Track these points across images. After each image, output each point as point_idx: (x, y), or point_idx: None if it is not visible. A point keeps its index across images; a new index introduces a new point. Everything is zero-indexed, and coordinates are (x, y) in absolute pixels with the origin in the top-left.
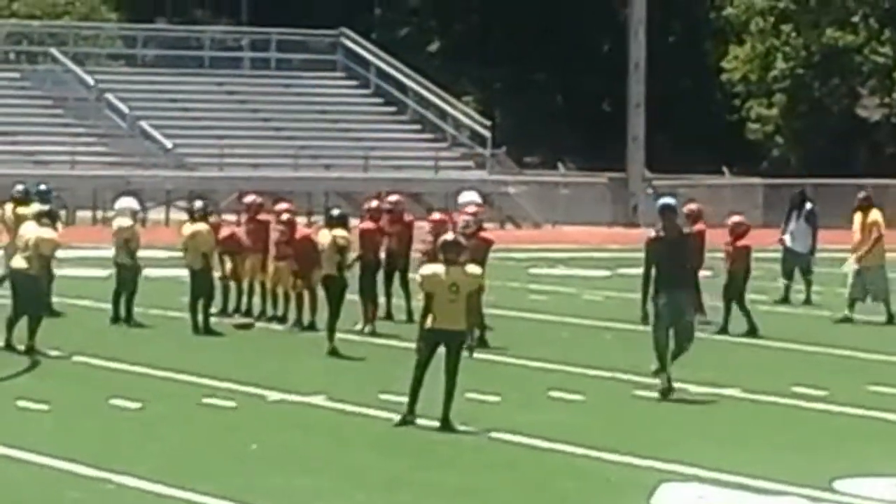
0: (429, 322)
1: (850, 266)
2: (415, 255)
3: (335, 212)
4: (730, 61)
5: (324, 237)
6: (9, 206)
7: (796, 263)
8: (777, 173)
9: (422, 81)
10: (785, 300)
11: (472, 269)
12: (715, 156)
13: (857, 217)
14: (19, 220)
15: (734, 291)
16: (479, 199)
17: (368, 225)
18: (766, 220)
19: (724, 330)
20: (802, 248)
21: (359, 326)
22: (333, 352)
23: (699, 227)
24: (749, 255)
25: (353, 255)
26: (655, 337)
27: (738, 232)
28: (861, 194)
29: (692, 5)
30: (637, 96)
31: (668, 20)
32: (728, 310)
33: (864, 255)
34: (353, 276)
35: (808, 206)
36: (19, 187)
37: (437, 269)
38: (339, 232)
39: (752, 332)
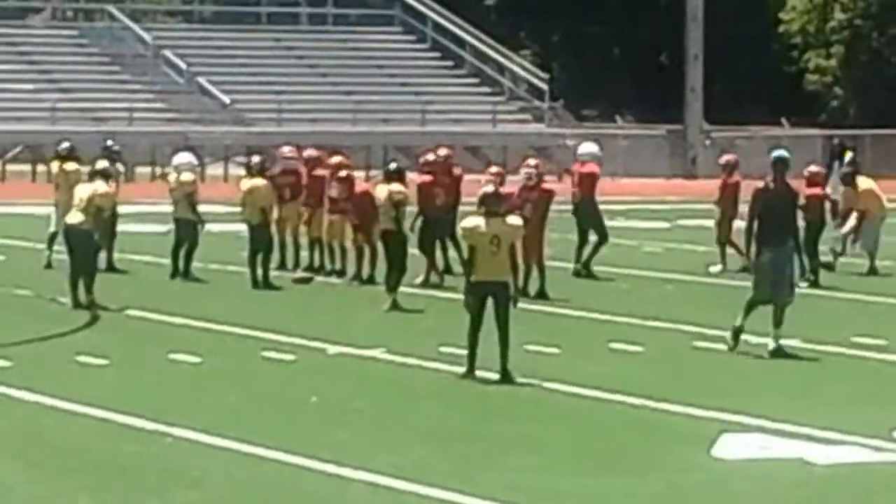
0: (473, 275)
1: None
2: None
3: (392, 166)
4: (787, 12)
5: (381, 192)
6: (55, 164)
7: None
8: (836, 124)
9: (479, 35)
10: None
11: (513, 220)
12: (773, 107)
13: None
14: (67, 176)
15: (809, 241)
16: (598, 151)
17: (425, 179)
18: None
19: (814, 283)
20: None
21: (419, 280)
22: (395, 305)
23: (734, 178)
24: (824, 205)
25: (409, 209)
26: (755, 292)
27: (813, 181)
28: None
29: None
30: (695, 48)
31: None
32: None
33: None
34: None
35: (850, 155)
36: (65, 144)
37: (478, 221)
38: (396, 187)
39: (816, 283)
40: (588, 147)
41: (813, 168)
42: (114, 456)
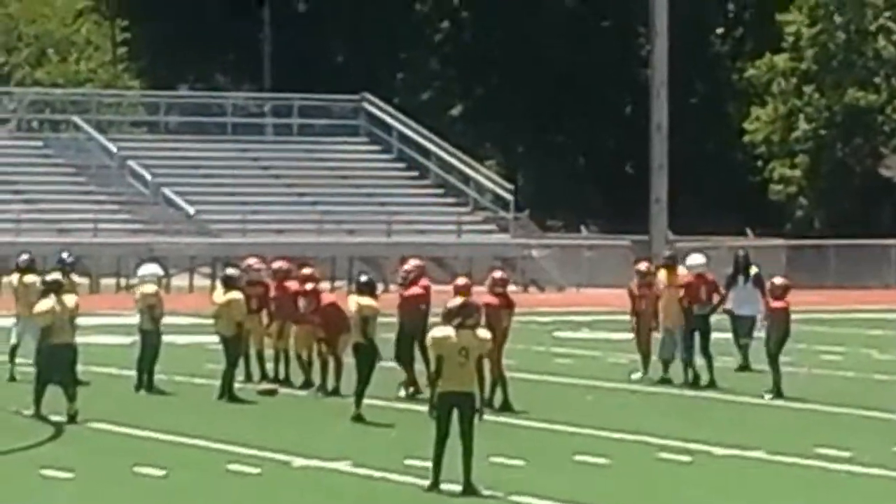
0: (440, 385)
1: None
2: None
3: (363, 278)
4: (752, 122)
5: (351, 304)
6: (15, 276)
7: (746, 327)
8: (800, 234)
9: (444, 146)
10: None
11: (482, 333)
12: (738, 217)
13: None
14: (27, 288)
15: (774, 351)
16: (704, 261)
17: (413, 291)
18: (790, 282)
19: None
20: (751, 311)
21: (402, 393)
22: (359, 418)
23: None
24: (788, 317)
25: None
26: None
27: (776, 294)
28: (666, 252)
29: (714, 67)
30: (660, 158)
31: (690, 81)
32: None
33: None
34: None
35: (754, 269)
36: (24, 256)
37: (448, 331)
38: (366, 300)
39: (778, 393)
40: (697, 258)
41: (777, 280)
42: None
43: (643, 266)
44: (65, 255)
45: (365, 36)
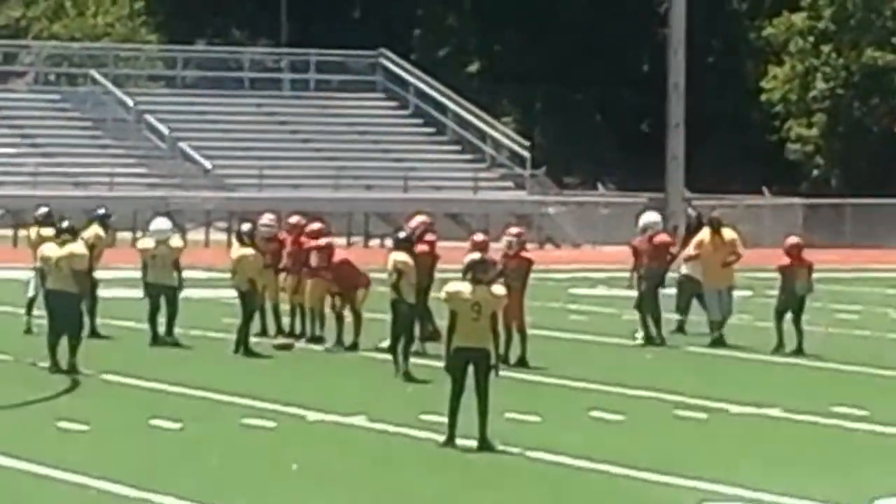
0: (454, 341)
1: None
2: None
3: (401, 234)
4: (769, 81)
5: (391, 260)
6: (33, 229)
7: (695, 291)
8: (817, 193)
9: (461, 102)
10: (680, 330)
11: (497, 289)
12: (754, 176)
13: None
14: (44, 241)
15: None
16: (659, 220)
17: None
18: (807, 241)
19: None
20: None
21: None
22: (407, 376)
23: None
24: (794, 275)
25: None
26: None
27: (791, 253)
28: (714, 213)
29: (732, 25)
30: (676, 116)
31: (707, 40)
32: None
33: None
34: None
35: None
36: (42, 209)
37: (462, 287)
38: (401, 256)
39: (800, 350)
40: (651, 216)
41: (791, 239)
42: None
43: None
44: (101, 210)
45: None
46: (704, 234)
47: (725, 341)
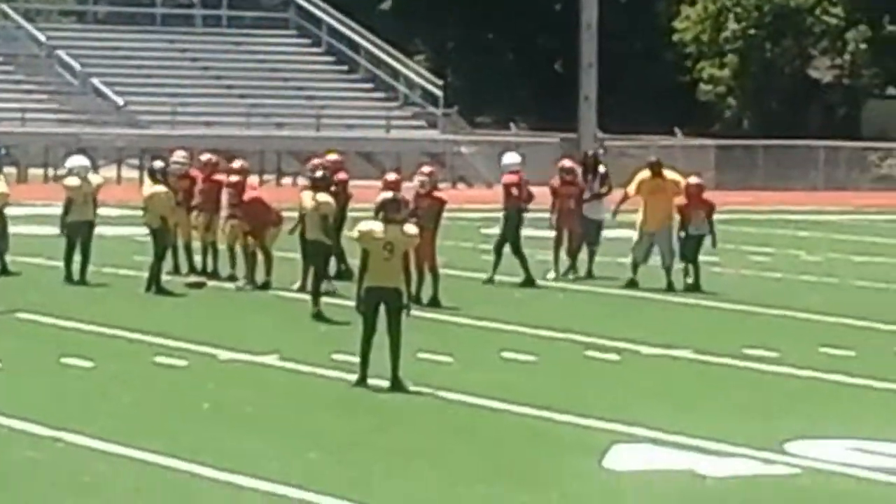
0: (366, 280)
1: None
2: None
3: (318, 173)
4: (682, 21)
5: (306, 199)
6: None
7: (589, 232)
8: (729, 134)
9: (374, 40)
10: (589, 274)
11: (409, 228)
12: (667, 117)
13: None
14: None
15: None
16: (519, 160)
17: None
18: (719, 182)
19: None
20: (596, 215)
21: (297, 286)
22: (318, 315)
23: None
24: (696, 216)
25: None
26: None
27: (691, 192)
28: (652, 158)
29: None
30: (589, 56)
31: None
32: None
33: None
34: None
35: (602, 169)
36: None
37: (374, 226)
38: (322, 197)
39: (696, 287)
40: (512, 157)
41: (692, 179)
42: (3, 462)
43: (567, 163)
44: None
45: None
46: (643, 175)
47: (675, 287)
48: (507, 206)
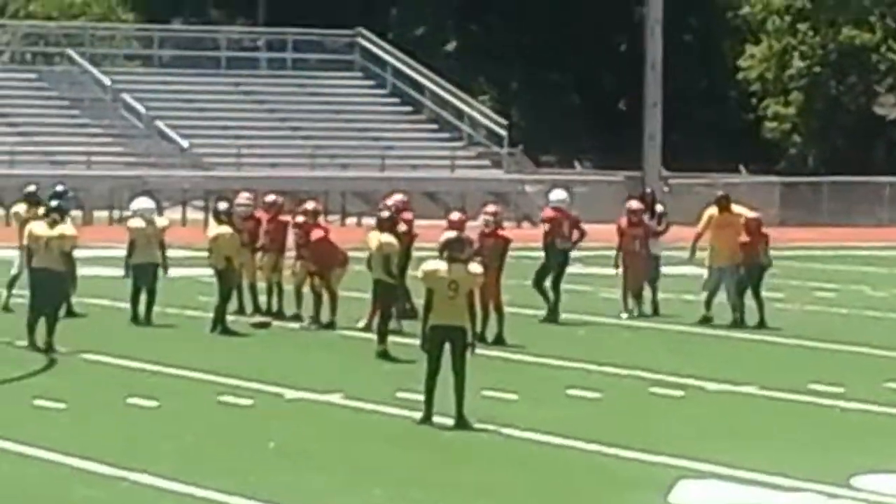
0: (431, 319)
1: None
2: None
3: (384, 214)
4: (746, 60)
5: (372, 240)
6: (21, 206)
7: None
8: (794, 171)
9: (438, 81)
10: (655, 310)
11: (474, 267)
12: (732, 154)
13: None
14: (32, 220)
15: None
16: (566, 197)
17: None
18: (784, 219)
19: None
20: (656, 250)
21: (362, 324)
22: (383, 354)
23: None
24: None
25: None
26: None
27: (752, 227)
28: (719, 192)
29: (709, 4)
30: (653, 95)
31: (684, 18)
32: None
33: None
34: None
35: (660, 208)
36: (31, 187)
37: (439, 265)
38: (386, 237)
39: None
40: (559, 193)
41: (750, 214)
42: (68, 501)
43: (634, 204)
44: (60, 187)
45: None
46: (711, 210)
47: (745, 323)
48: (545, 242)
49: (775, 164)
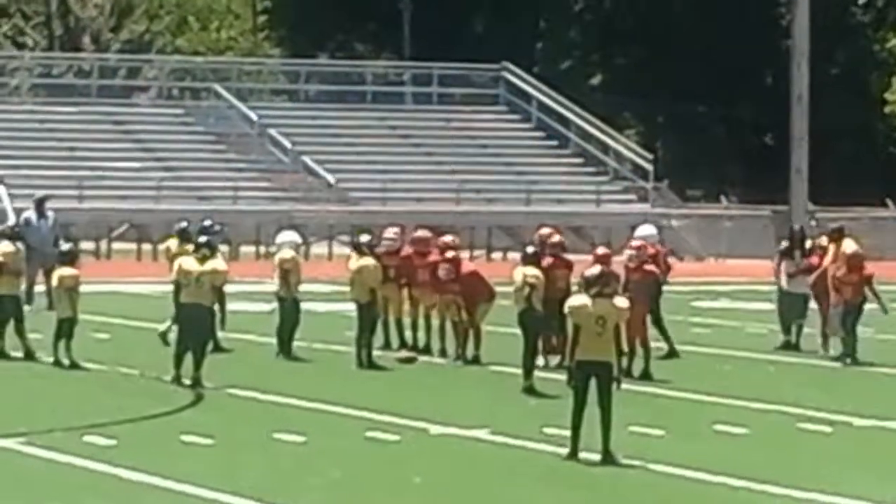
0: (578, 354)
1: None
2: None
3: (529, 249)
4: (893, 93)
5: (517, 275)
6: (173, 242)
7: (795, 307)
8: None
9: (583, 115)
10: (795, 346)
11: (620, 301)
12: (879, 188)
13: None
14: (183, 255)
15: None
16: (655, 232)
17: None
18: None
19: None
20: (802, 290)
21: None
22: (530, 390)
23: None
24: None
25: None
26: None
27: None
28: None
29: (855, 37)
30: (800, 129)
31: (831, 52)
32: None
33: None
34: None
35: (809, 244)
36: (183, 224)
37: (585, 300)
38: (531, 271)
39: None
40: (647, 229)
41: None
42: None
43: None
44: (207, 222)
45: (505, 5)
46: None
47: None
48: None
49: None
